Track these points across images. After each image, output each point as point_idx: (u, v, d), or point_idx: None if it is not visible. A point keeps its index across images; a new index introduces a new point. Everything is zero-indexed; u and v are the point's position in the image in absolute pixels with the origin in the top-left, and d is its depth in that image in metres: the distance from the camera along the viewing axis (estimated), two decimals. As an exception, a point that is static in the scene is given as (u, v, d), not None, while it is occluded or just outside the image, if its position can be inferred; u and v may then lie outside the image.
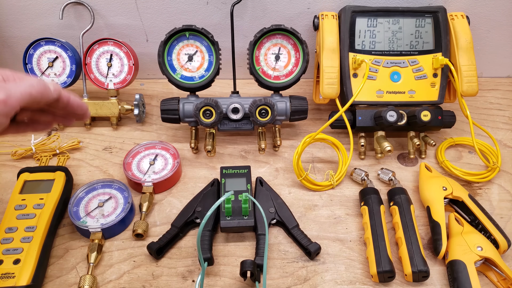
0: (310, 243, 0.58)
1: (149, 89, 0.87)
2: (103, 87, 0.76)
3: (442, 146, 0.74)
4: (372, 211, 0.61)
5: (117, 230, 0.61)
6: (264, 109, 0.68)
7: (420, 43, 0.73)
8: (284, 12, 0.79)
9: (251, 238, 0.61)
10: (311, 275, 0.57)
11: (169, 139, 0.76)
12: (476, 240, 0.56)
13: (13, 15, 0.78)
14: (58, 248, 0.59)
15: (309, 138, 0.67)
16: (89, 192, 0.64)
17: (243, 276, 0.54)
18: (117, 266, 0.57)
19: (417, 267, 0.55)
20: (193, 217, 0.62)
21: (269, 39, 0.71)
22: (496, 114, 0.83)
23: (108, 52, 0.75)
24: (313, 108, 0.83)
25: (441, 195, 0.63)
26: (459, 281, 0.53)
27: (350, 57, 0.72)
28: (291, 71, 0.72)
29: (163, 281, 0.56)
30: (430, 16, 0.73)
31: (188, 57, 0.71)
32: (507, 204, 0.67)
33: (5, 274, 0.52)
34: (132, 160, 0.69)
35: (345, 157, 0.70)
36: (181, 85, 0.71)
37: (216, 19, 0.80)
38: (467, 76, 0.71)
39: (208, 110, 0.68)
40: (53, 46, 0.74)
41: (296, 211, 0.65)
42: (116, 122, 0.77)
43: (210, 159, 0.73)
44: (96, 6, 0.77)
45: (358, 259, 0.59)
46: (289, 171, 0.71)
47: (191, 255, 0.59)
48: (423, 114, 0.67)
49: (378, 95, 0.72)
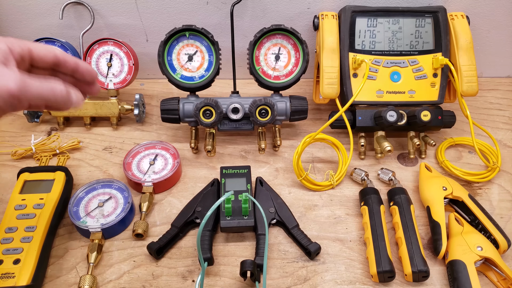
0: (310, 243, 0.58)
1: (149, 89, 0.87)
2: (103, 87, 0.76)
3: (442, 146, 0.74)
4: (372, 211, 0.61)
5: (117, 230, 0.61)
6: (264, 109, 0.68)
7: (420, 43, 0.73)
8: (284, 12, 0.79)
9: (251, 238, 0.61)
10: (311, 275, 0.57)
11: (169, 139, 0.76)
12: (476, 240, 0.56)
13: (13, 15, 0.78)
14: (58, 248, 0.59)
15: (309, 138, 0.67)
16: (89, 192, 0.64)
17: (243, 276, 0.54)
18: (117, 266, 0.57)
19: (417, 267, 0.55)
20: (193, 217, 0.62)
21: (269, 39, 0.71)
22: (496, 114, 0.83)
23: (108, 52, 0.75)
24: (313, 108, 0.83)
25: (441, 195, 0.63)
26: (459, 281, 0.53)
27: (350, 57, 0.72)
28: (291, 71, 0.72)
29: (163, 281, 0.56)
30: (430, 16, 0.73)
31: (188, 57, 0.71)
32: (507, 204, 0.67)
33: (5, 274, 0.52)
34: (132, 160, 0.69)
35: (345, 157, 0.70)
36: (181, 85, 0.71)
37: (216, 19, 0.80)
38: (467, 76, 0.71)
39: (208, 110, 0.68)
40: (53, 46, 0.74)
41: (296, 211, 0.65)
42: (116, 122, 0.77)
43: (210, 159, 0.73)
44: (96, 6, 0.77)
45: (358, 259, 0.59)
46: (289, 171, 0.71)
47: (191, 255, 0.59)
48: (423, 114, 0.67)
49: (378, 95, 0.72)
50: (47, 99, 0.40)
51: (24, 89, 0.38)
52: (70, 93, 0.42)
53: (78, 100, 0.43)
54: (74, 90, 0.42)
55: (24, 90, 0.38)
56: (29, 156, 0.72)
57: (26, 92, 0.38)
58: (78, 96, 0.43)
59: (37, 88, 0.39)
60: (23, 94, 0.38)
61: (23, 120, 0.78)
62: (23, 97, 0.38)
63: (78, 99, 0.43)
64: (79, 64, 0.46)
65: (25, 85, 0.38)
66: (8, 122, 0.79)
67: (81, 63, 0.46)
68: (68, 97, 0.42)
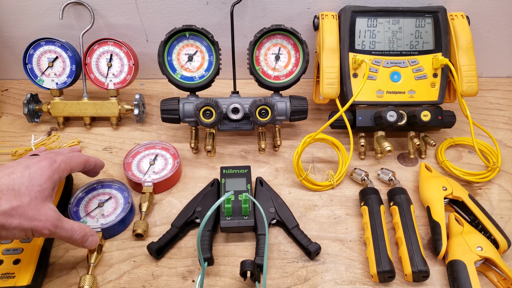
0: (310, 243, 0.58)
1: (149, 89, 0.87)
2: (103, 87, 0.76)
3: (442, 146, 0.74)
4: (372, 211, 0.61)
5: (117, 230, 0.61)
6: (264, 109, 0.68)
7: (420, 43, 0.73)
8: (284, 12, 0.79)
9: (251, 238, 0.61)
10: (311, 275, 0.57)
11: (169, 139, 0.76)
12: (476, 240, 0.56)
13: (13, 15, 0.78)
14: (58, 248, 0.59)
15: (309, 138, 0.67)
16: (89, 192, 0.64)
17: (243, 276, 0.54)
18: (117, 266, 0.57)
19: (417, 267, 0.55)
20: (193, 217, 0.62)
21: (269, 39, 0.71)
22: (496, 114, 0.83)
23: (108, 52, 0.75)
24: (313, 108, 0.83)
25: (441, 195, 0.63)
26: (459, 281, 0.53)
27: (350, 57, 0.72)
28: (291, 71, 0.72)
29: (163, 281, 0.56)
30: (430, 16, 0.73)
31: (188, 57, 0.71)
32: (507, 204, 0.67)
33: (5, 274, 0.52)
34: (132, 160, 0.69)
35: (345, 157, 0.70)
36: (181, 85, 0.71)
37: (216, 19, 0.80)
38: (467, 76, 0.71)
39: (208, 110, 0.68)
40: (53, 46, 0.74)
41: (296, 211, 0.65)
42: (116, 122, 0.77)
43: (210, 159, 0.73)
44: (96, 6, 0.77)
45: (358, 259, 0.59)
46: (289, 171, 0.71)
47: (191, 255, 0.59)
48: (423, 114, 0.67)
49: (378, 95, 0.72)
50: (68, 239, 0.52)
51: (56, 230, 0.49)
52: (88, 239, 0.53)
53: (91, 244, 0.54)
54: (94, 235, 0.54)
55: (55, 232, 0.49)
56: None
57: (55, 234, 0.49)
58: (94, 239, 0.54)
59: (66, 232, 0.51)
60: (53, 235, 0.49)
61: (23, 120, 0.78)
62: (53, 236, 0.50)
63: (92, 243, 0.54)
64: (96, 163, 0.60)
65: (57, 227, 0.49)
66: (8, 122, 0.79)
67: (98, 162, 0.60)
68: (84, 241, 0.53)
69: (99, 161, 0.61)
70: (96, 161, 0.60)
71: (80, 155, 0.58)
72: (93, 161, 0.59)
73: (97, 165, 0.61)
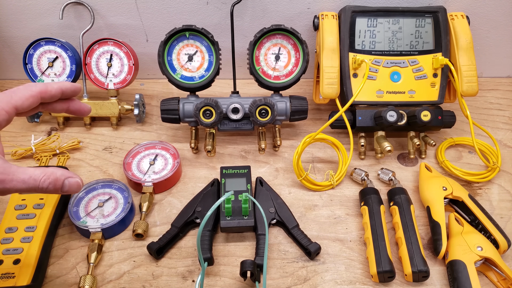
0: (310, 243, 0.58)
1: (149, 89, 0.87)
2: (103, 87, 0.76)
3: (442, 146, 0.74)
4: (372, 211, 0.61)
5: (117, 230, 0.61)
6: (264, 109, 0.68)
7: (420, 43, 0.73)
8: (284, 12, 0.79)
9: (251, 238, 0.61)
10: (311, 275, 0.57)
11: (169, 139, 0.76)
12: (476, 240, 0.56)
13: (13, 15, 0.78)
14: (58, 248, 0.59)
15: (309, 138, 0.67)
16: (89, 192, 0.64)
17: (243, 276, 0.54)
18: (117, 266, 0.57)
19: (417, 267, 0.55)
20: (193, 217, 0.62)
21: (269, 39, 0.71)
22: (496, 114, 0.83)
23: (108, 52, 0.75)
24: (313, 108, 0.83)
25: (441, 195, 0.63)
26: (459, 281, 0.53)
27: (350, 57, 0.72)
28: (291, 71, 0.72)
29: (163, 281, 0.56)
30: (430, 16, 0.73)
31: (188, 57, 0.71)
32: (507, 204, 0.67)
33: (5, 274, 0.52)
34: (132, 160, 0.69)
35: (345, 157, 0.70)
36: (181, 85, 0.71)
37: (216, 19, 0.80)
38: (467, 76, 0.71)
39: (208, 110, 0.68)
40: (53, 46, 0.74)
41: (296, 211, 0.65)
42: (116, 122, 0.77)
43: (210, 159, 0.73)
44: (96, 6, 0.77)
45: (358, 259, 0.59)
46: (289, 171, 0.71)
47: (191, 255, 0.59)
48: (423, 114, 0.67)
49: (378, 95, 0.72)
50: (33, 190, 0.41)
51: (4, 186, 0.39)
52: (64, 184, 0.42)
53: (72, 188, 0.43)
54: (70, 177, 0.43)
55: (4, 187, 0.39)
56: (29, 156, 0.72)
57: (8, 190, 0.39)
58: (72, 181, 0.43)
59: (23, 183, 0.40)
60: (6, 191, 0.39)
61: (23, 120, 0.78)
62: (6, 192, 0.40)
63: (73, 187, 0.43)
64: (61, 87, 0.47)
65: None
66: (8, 122, 0.79)
67: (63, 85, 0.47)
68: (57, 188, 0.42)
69: (67, 84, 0.47)
70: (61, 86, 0.46)
71: (28, 86, 0.44)
72: (55, 87, 0.46)
73: (66, 90, 0.47)
